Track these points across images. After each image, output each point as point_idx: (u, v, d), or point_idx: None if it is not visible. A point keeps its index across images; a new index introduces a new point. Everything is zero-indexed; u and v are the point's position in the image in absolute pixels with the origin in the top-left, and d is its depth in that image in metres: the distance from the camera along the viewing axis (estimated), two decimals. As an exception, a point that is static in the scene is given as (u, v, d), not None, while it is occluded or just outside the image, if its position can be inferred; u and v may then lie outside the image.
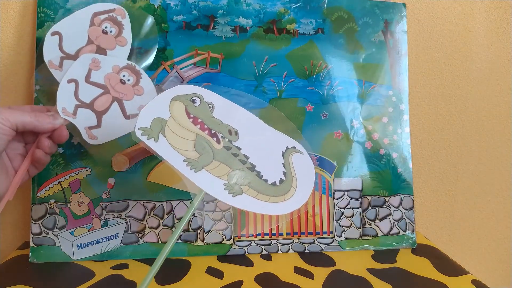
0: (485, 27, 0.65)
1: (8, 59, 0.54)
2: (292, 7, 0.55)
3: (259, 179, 0.37)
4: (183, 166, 0.35)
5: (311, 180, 0.39)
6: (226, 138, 0.37)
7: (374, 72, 0.56)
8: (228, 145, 0.37)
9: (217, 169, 0.36)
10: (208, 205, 0.52)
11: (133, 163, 0.51)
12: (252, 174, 0.37)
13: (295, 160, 0.39)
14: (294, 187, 0.38)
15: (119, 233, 0.50)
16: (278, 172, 0.38)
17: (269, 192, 0.37)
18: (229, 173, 0.36)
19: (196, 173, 0.35)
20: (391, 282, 0.46)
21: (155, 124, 0.36)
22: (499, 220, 0.68)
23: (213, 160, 0.36)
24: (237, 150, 0.37)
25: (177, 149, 0.36)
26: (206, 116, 0.37)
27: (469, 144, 0.66)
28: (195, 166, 0.36)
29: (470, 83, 0.65)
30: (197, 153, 0.36)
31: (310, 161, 0.40)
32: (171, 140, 0.36)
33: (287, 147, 0.40)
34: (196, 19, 0.53)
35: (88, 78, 0.45)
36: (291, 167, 0.39)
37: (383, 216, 0.55)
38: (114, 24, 0.48)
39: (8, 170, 0.42)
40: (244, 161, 0.37)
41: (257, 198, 0.37)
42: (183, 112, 0.37)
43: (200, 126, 0.37)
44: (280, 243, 0.53)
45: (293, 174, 0.39)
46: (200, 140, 0.37)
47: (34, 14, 0.53)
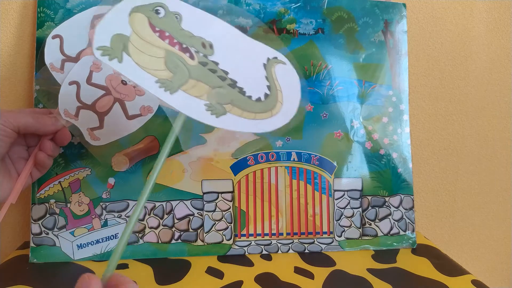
0: (485, 27, 0.65)
1: (8, 59, 0.54)
2: (292, 7, 0.55)
3: (242, 95, 0.33)
4: (156, 88, 0.31)
5: (297, 92, 0.35)
6: (200, 53, 0.33)
7: (374, 72, 0.56)
8: (204, 60, 0.33)
9: (195, 88, 0.32)
10: (208, 205, 0.52)
11: (133, 163, 0.51)
12: (234, 91, 0.33)
13: (278, 72, 0.35)
14: (280, 101, 0.34)
15: (119, 233, 0.50)
16: (261, 86, 0.34)
17: (254, 108, 0.34)
18: (209, 91, 0.32)
19: (172, 94, 0.31)
20: (391, 282, 0.46)
21: (115, 41, 0.31)
22: (499, 220, 0.68)
23: (189, 79, 0.32)
24: (215, 65, 0.33)
25: (146, 69, 0.31)
26: (174, 28, 0.33)
27: (469, 144, 0.66)
28: (170, 86, 0.31)
29: (470, 83, 0.65)
30: (169, 72, 0.32)
31: (294, 71, 0.36)
32: (137, 59, 0.31)
33: (268, 58, 0.35)
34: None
35: (90, 80, 0.45)
36: (275, 80, 0.35)
37: (383, 216, 0.55)
38: None
39: (11, 173, 0.42)
40: (224, 77, 0.33)
41: (243, 116, 0.33)
42: (147, 25, 0.32)
43: (169, 40, 0.32)
44: (280, 243, 0.53)
45: (278, 87, 0.35)
46: (171, 57, 0.32)
47: (34, 14, 0.53)
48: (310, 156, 0.54)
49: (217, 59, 0.33)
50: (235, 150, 0.53)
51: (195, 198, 0.52)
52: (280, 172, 0.54)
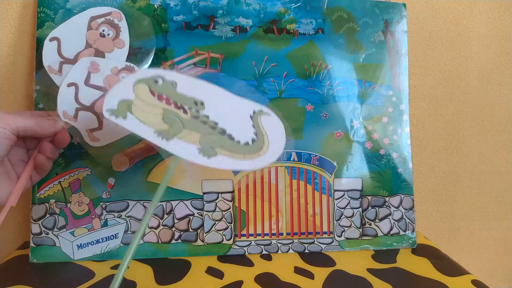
0: (485, 27, 0.65)
1: (8, 59, 0.54)
2: (292, 7, 0.55)
3: (231, 140, 0.39)
4: (154, 137, 0.37)
5: (282, 135, 0.41)
6: (193, 109, 0.39)
7: (374, 72, 0.56)
8: (196, 114, 0.38)
9: (189, 136, 0.37)
10: (208, 205, 0.52)
11: (133, 163, 0.51)
12: (223, 137, 0.38)
13: (263, 121, 0.40)
14: (266, 144, 0.40)
15: (119, 233, 0.50)
16: (249, 133, 0.39)
17: (243, 150, 0.39)
18: (201, 138, 0.38)
19: (169, 141, 0.37)
20: (391, 282, 0.46)
21: (121, 105, 0.37)
22: (499, 220, 0.68)
23: (183, 129, 0.38)
24: (205, 118, 0.39)
25: (146, 123, 0.37)
26: (170, 92, 0.39)
27: (469, 144, 0.66)
28: (166, 135, 0.37)
29: (470, 83, 0.65)
30: (166, 124, 0.37)
31: (278, 120, 0.41)
32: (139, 116, 0.37)
33: (254, 111, 0.41)
34: (196, 19, 0.53)
35: (88, 81, 0.45)
36: (261, 128, 0.40)
37: (383, 216, 0.55)
38: (111, 27, 0.48)
39: (11, 176, 0.42)
40: (214, 127, 0.38)
41: (233, 157, 0.38)
42: (147, 92, 0.38)
43: (165, 101, 0.38)
44: (280, 243, 0.53)
45: (264, 133, 0.40)
46: (168, 113, 0.38)
47: (34, 14, 0.53)
48: (310, 156, 0.54)
49: (207, 113, 0.39)
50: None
51: (195, 198, 0.52)
52: (280, 172, 0.54)
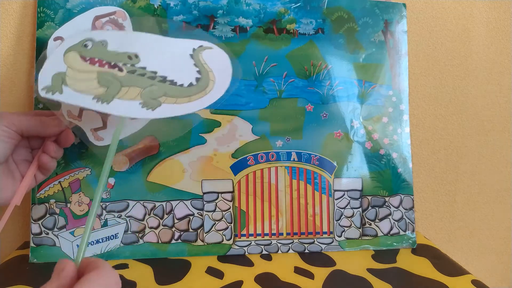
0: (485, 27, 0.65)
1: (8, 59, 0.54)
2: (292, 7, 0.55)
3: (173, 86, 0.37)
4: (94, 103, 0.35)
5: (227, 67, 0.39)
6: (128, 64, 0.38)
7: (374, 72, 0.56)
8: (132, 69, 0.37)
9: (128, 93, 0.36)
10: (208, 205, 0.52)
11: (133, 163, 0.51)
12: (165, 85, 0.37)
13: (206, 56, 0.39)
14: (212, 79, 0.39)
15: (119, 233, 0.50)
16: (191, 73, 0.38)
17: (187, 93, 0.38)
18: (141, 92, 0.37)
19: (109, 104, 0.36)
20: (391, 282, 0.46)
21: (55, 79, 0.36)
22: (499, 220, 0.68)
23: (121, 87, 0.37)
24: (142, 70, 0.38)
25: (83, 91, 0.36)
26: (101, 53, 0.38)
27: (469, 144, 0.66)
28: (105, 98, 0.36)
29: (470, 83, 0.65)
30: (103, 87, 0.36)
31: (221, 51, 0.40)
32: (74, 86, 0.36)
33: (193, 48, 0.40)
34: (196, 19, 0.53)
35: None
36: (204, 64, 0.39)
37: (383, 216, 0.55)
38: (116, 26, 0.48)
39: (15, 175, 0.42)
40: (153, 76, 0.37)
41: (177, 102, 0.37)
42: (78, 59, 0.38)
43: (98, 64, 0.38)
44: (280, 243, 0.53)
45: (208, 68, 0.39)
46: (103, 75, 0.37)
47: (34, 14, 0.53)
48: (310, 156, 0.54)
49: (144, 65, 0.38)
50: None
51: (195, 198, 0.52)
52: (280, 172, 0.54)
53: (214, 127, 0.53)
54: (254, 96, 0.54)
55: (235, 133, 0.53)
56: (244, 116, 0.53)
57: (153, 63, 0.38)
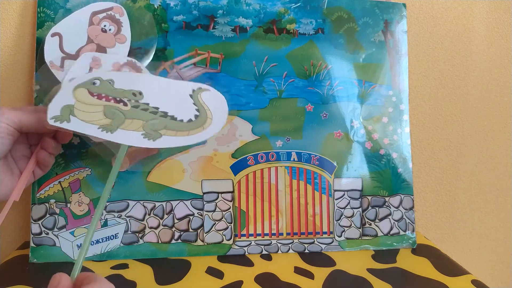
0: (485, 27, 0.65)
1: (8, 59, 0.54)
2: (292, 7, 0.55)
3: (174, 121, 0.41)
4: (99, 132, 0.39)
5: (224, 107, 0.43)
6: (132, 100, 0.41)
7: (374, 72, 0.56)
8: (136, 104, 0.41)
9: (131, 125, 0.39)
10: (208, 205, 0.52)
11: (133, 163, 0.51)
12: (166, 119, 0.41)
13: (204, 97, 0.43)
14: (210, 117, 0.42)
15: (119, 233, 0.50)
16: (191, 111, 0.42)
17: (187, 127, 0.41)
18: (144, 124, 0.40)
19: (113, 133, 0.39)
20: (391, 282, 0.46)
21: (64, 110, 0.39)
22: (499, 220, 0.68)
23: (125, 119, 0.40)
24: (146, 105, 0.41)
25: (89, 121, 0.39)
26: (108, 90, 0.41)
27: (469, 144, 0.66)
28: (110, 128, 0.39)
29: (470, 83, 0.65)
30: (108, 119, 0.39)
31: (218, 94, 0.43)
32: (81, 116, 0.39)
33: (193, 89, 0.43)
34: (196, 19, 0.53)
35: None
36: (202, 103, 0.42)
37: (383, 216, 0.55)
38: (113, 22, 0.48)
39: (13, 171, 0.42)
40: (155, 111, 0.41)
41: (177, 135, 0.40)
42: (87, 94, 0.40)
43: (105, 98, 0.41)
44: (280, 243, 0.53)
45: (206, 107, 0.42)
46: (108, 108, 0.40)
47: (34, 14, 0.53)
48: (310, 156, 0.54)
49: (147, 101, 0.41)
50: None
51: (195, 198, 0.52)
52: (280, 172, 0.54)
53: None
54: (254, 96, 0.53)
55: (235, 133, 0.53)
56: (244, 116, 0.53)
57: (155, 100, 0.41)
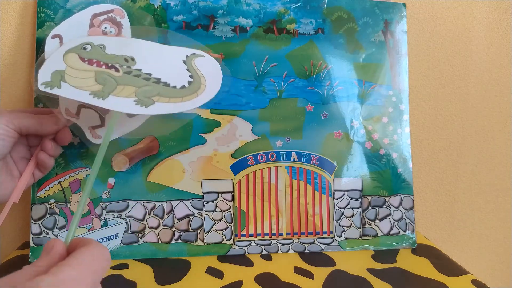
0: (485, 27, 0.65)
1: (8, 59, 0.54)
2: (292, 7, 0.55)
3: (167, 87, 0.40)
4: (90, 98, 0.37)
5: (218, 72, 0.42)
6: (124, 65, 0.40)
7: (374, 72, 0.56)
8: (128, 70, 0.40)
9: (123, 91, 0.39)
10: (208, 205, 0.52)
11: (133, 163, 0.51)
12: (159, 86, 0.40)
13: (198, 63, 0.42)
14: (203, 83, 0.41)
15: (119, 233, 0.50)
16: (184, 77, 0.41)
17: (180, 94, 0.40)
18: (136, 90, 0.39)
19: (105, 100, 0.38)
20: (391, 282, 0.46)
21: (54, 76, 0.38)
22: (499, 220, 0.68)
23: (117, 86, 0.39)
24: (138, 71, 0.40)
25: (80, 87, 0.38)
26: (99, 55, 0.40)
27: (469, 144, 0.66)
28: (101, 95, 0.38)
29: (470, 83, 0.65)
30: (100, 85, 0.39)
31: (212, 59, 0.43)
32: (72, 82, 0.38)
33: (186, 55, 0.42)
34: (196, 19, 0.53)
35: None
36: (196, 69, 0.42)
37: (383, 216, 0.55)
38: (114, 24, 0.48)
39: (13, 173, 0.42)
40: (148, 78, 0.40)
41: (170, 102, 0.39)
42: (77, 59, 0.40)
43: (96, 64, 0.40)
44: (280, 243, 0.53)
45: (200, 74, 0.42)
46: (100, 74, 0.39)
47: (34, 14, 0.53)
48: (310, 156, 0.54)
49: (139, 67, 0.40)
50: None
51: (195, 198, 0.52)
52: (280, 172, 0.54)
53: (214, 127, 0.53)
54: (254, 96, 0.54)
55: (235, 133, 0.53)
56: (244, 116, 0.53)
57: (148, 66, 0.41)
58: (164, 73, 0.41)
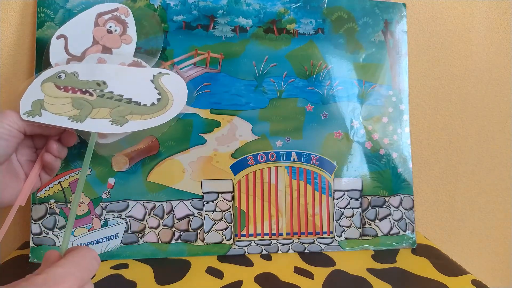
0: (485, 27, 0.65)
1: (8, 59, 0.54)
2: (292, 7, 0.55)
3: (138, 105, 0.44)
4: (69, 123, 0.41)
5: (183, 88, 0.46)
6: (97, 90, 0.43)
7: (374, 72, 0.56)
8: (101, 93, 0.43)
9: (99, 113, 0.42)
10: (208, 205, 0.52)
11: (133, 163, 0.51)
12: (130, 105, 0.43)
13: (164, 81, 0.46)
14: (171, 99, 0.45)
15: (119, 233, 0.50)
16: (153, 95, 0.45)
17: (151, 111, 0.44)
18: (110, 111, 0.42)
19: (83, 123, 0.41)
20: (391, 282, 0.46)
21: (34, 105, 0.41)
22: (499, 220, 0.68)
23: (92, 109, 0.42)
24: (110, 94, 0.43)
25: (59, 114, 0.41)
26: (73, 82, 0.43)
27: (469, 144, 0.66)
28: (79, 118, 0.41)
29: (470, 83, 0.65)
30: (77, 110, 0.42)
31: (177, 76, 0.47)
32: (52, 109, 0.41)
33: (153, 74, 0.46)
34: (196, 19, 0.53)
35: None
36: (163, 87, 0.45)
37: (383, 216, 0.55)
38: (118, 23, 0.48)
39: (19, 175, 0.42)
40: (120, 99, 0.43)
41: (142, 119, 0.43)
42: (54, 87, 0.43)
43: (71, 91, 0.43)
44: (280, 243, 0.53)
45: (167, 90, 0.45)
46: (76, 100, 0.42)
47: (34, 14, 0.53)
48: (310, 156, 0.54)
49: (111, 90, 0.44)
50: (235, 150, 0.53)
51: (195, 198, 0.52)
52: (280, 172, 0.54)
53: (214, 127, 0.53)
54: (254, 96, 0.54)
55: (235, 133, 0.53)
56: (244, 116, 0.53)
57: (119, 88, 0.44)
58: (134, 93, 0.44)
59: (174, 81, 0.46)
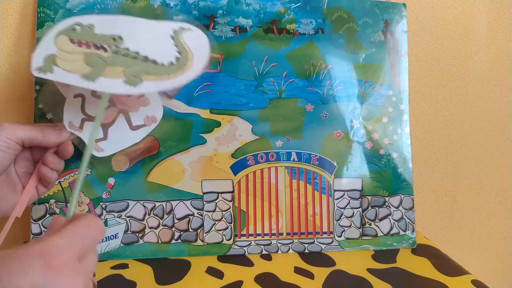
0: (485, 27, 0.65)
1: (8, 59, 0.54)
2: (292, 7, 0.55)
3: (155, 65, 0.40)
4: (81, 81, 0.38)
5: (205, 47, 0.42)
6: (112, 45, 0.41)
7: (374, 72, 0.56)
8: (116, 49, 0.41)
9: (112, 72, 0.39)
10: (208, 205, 0.52)
11: (133, 163, 0.51)
12: (147, 64, 0.40)
13: (186, 37, 0.42)
14: (191, 59, 0.42)
15: (119, 233, 0.50)
16: (172, 53, 0.41)
17: (168, 71, 0.41)
18: (124, 70, 0.40)
19: (95, 81, 0.39)
20: (391, 282, 0.46)
21: (46, 60, 0.39)
22: (499, 220, 0.68)
23: (106, 67, 0.40)
24: (126, 50, 0.41)
25: (71, 71, 0.39)
26: (88, 35, 0.41)
27: (469, 144, 0.66)
28: (91, 77, 0.39)
29: (470, 83, 0.65)
30: (89, 67, 0.39)
31: (199, 32, 0.43)
32: (63, 66, 0.39)
33: (174, 30, 0.43)
34: (196, 19, 0.53)
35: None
36: (184, 44, 0.42)
37: (383, 216, 0.55)
38: None
39: (17, 187, 0.42)
40: (136, 56, 0.40)
41: (158, 79, 0.40)
42: (67, 41, 0.41)
43: (85, 46, 0.41)
44: (280, 243, 0.53)
45: (187, 49, 0.42)
46: (89, 56, 0.40)
47: (34, 14, 0.53)
48: (310, 156, 0.54)
49: (127, 46, 0.41)
50: (235, 150, 0.53)
51: (195, 198, 0.52)
52: (280, 172, 0.54)
53: (214, 127, 0.53)
54: (254, 96, 0.54)
55: (235, 133, 0.53)
56: (244, 116, 0.53)
57: (136, 44, 0.41)
58: (151, 50, 0.41)
59: (195, 38, 0.43)
